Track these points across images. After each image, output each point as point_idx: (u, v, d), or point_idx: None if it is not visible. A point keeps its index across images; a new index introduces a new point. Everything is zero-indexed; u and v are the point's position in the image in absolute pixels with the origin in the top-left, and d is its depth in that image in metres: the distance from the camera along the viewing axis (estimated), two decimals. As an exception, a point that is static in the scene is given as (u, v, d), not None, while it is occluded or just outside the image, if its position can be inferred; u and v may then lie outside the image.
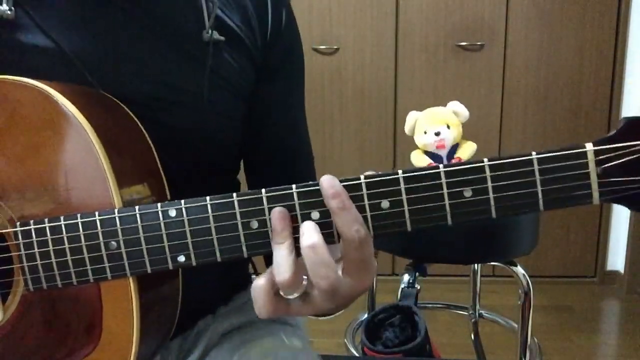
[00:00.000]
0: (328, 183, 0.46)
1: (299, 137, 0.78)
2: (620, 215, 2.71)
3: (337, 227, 0.47)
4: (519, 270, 1.45)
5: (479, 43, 2.63)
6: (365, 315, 1.66)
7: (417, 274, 1.45)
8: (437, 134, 1.38)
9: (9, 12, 0.59)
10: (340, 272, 0.48)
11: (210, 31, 0.65)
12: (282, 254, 0.47)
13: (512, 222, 1.37)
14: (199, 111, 0.65)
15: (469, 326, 1.94)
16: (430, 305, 2.08)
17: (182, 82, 0.64)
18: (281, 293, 0.49)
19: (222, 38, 0.66)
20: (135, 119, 0.59)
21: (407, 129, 1.46)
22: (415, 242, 1.40)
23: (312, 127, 0.80)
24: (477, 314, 1.91)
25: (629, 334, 2.35)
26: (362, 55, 2.68)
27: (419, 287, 1.41)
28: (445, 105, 1.47)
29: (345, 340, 1.75)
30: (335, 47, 2.67)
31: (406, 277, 1.44)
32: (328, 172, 0.49)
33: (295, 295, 0.48)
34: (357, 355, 1.64)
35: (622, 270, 2.72)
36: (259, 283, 0.49)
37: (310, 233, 0.47)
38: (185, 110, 0.65)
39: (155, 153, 0.58)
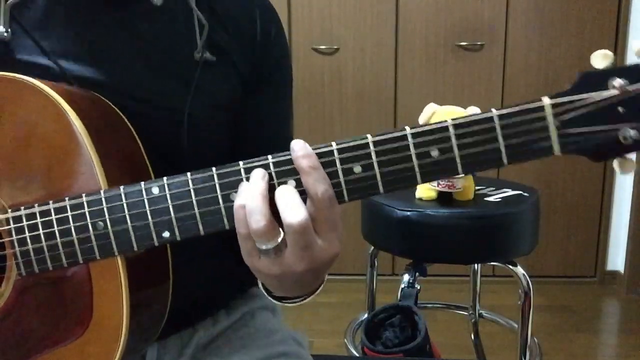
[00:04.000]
0: (299, 145, 0.49)
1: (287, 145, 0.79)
2: (621, 215, 2.72)
3: (307, 188, 0.48)
4: (519, 270, 1.45)
5: (479, 43, 2.63)
6: (365, 315, 1.67)
7: (417, 274, 1.45)
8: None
9: (5, 34, 0.61)
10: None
11: (201, 52, 0.67)
12: (256, 201, 0.48)
13: (512, 222, 1.37)
14: (183, 128, 0.66)
15: (469, 326, 1.94)
16: (430, 305, 2.08)
17: (171, 102, 0.66)
18: (256, 245, 0.49)
19: (214, 58, 0.68)
20: (122, 115, 0.60)
21: (422, 119, 1.46)
22: (415, 242, 1.40)
23: (312, 127, 0.80)
24: (477, 314, 1.91)
25: (629, 334, 2.35)
26: (362, 55, 2.68)
27: (419, 287, 1.41)
28: (447, 104, 1.47)
29: (345, 340, 1.75)
30: (335, 47, 2.67)
31: (406, 277, 1.44)
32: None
33: (269, 246, 0.49)
34: (357, 355, 1.64)
35: (622, 270, 2.72)
36: (241, 202, 0.49)
37: (286, 186, 0.49)
38: (171, 127, 0.66)
39: (141, 147, 0.60)
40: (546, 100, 0.46)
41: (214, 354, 0.75)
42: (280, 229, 0.49)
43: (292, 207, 0.48)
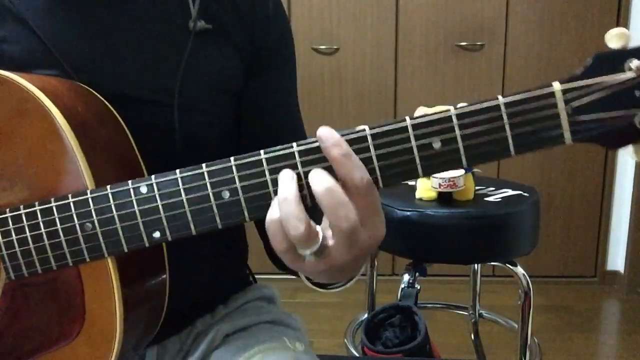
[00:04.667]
0: (326, 133, 0.45)
1: (294, 129, 0.77)
2: (620, 215, 2.71)
3: (341, 177, 0.45)
4: (519, 270, 1.45)
5: (479, 43, 2.63)
6: (365, 315, 1.66)
7: (417, 274, 1.45)
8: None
9: None
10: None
11: (195, 21, 0.64)
12: (291, 207, 0.44)
13: (512, 222, 1.37)
14: (173, 108, 0.64)
15: (469, 326, 1.94)
16: (430, 305, 2.08)
17: (158, 79, 0.63)
18: (298, 250, 0.46)
19: (209, 26, 0.65)
20: (111, 107, 0.58)
21: None
22: (415, 242, 1.40)
23: (312, 127, 0.80)
24: (477, 314, 1.91)
25: (629, 334, 2.35)
26: (362, 55, 2.67)
27: (419, 287, 1.41)
28: (447, 104, 1.47)
29: (345, 340, 1.75)
30: (335, 47, 2.67)
31: (406, 277, 1.44)
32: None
33: (313, 249, 0.45)
34: (357, 355, 1.64)
35: (622, 270, 2.72)
36: (275, 216, 0.46)
37: (321, 177, 0.45)
38: (159, 108, 0.64)
39: (132, 141, 0.58)
40: (557, 86, 0.43)
41: (205, 333, 0.74)
42: (318, 228, 0.46)
43: (339, 207, 0.44)
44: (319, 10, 2.65)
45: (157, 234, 0.50)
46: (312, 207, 0.46)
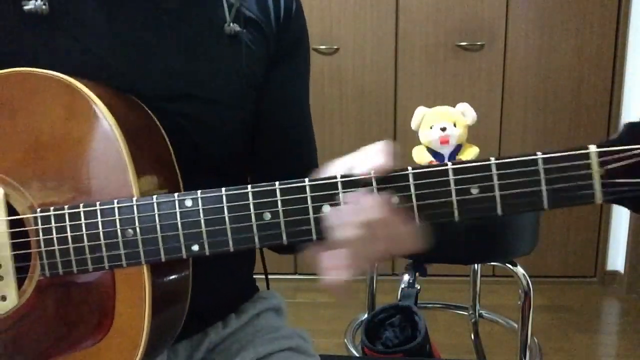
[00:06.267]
0: (368, 199, 0.48)
1: (305, 128, 0.79)
2: (620, 215, 2.71)
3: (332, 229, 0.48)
4: (519, 270, 1.45)
5: (479, 43, 2.63)
6: (365, 315, 1.66)
7: (417, 274, 1.45)
8: (443, 129, 1.39)
9: (44, 6, 0.60)
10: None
11: (231, 24, 0.66)
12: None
13: (512, 223, 1.37)
14: (215, 104, 0.66)
15: (469, 326, 1.94)
16: (430, 305, 2.08)
17: (202, 77, 0.66)
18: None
19: (244, 30, 0.67)
20: (154, 116, 0.60)
21: (413, 123, 1.46)
22: (415, 242, 1.40)
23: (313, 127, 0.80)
24: (477, 314, 1.91)
25: (629, 334, 2.35)
26: (362, 55, 2.67)
27: (419, 287, 1.42)
28: (447, 104, 1.47)
29: (345, 340, 1.75)
30: (335, 47, 2.67)
31: (406, 277, 1.44)
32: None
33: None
34: (357, 355, 1.64)
35: (622, 270, 2.72)
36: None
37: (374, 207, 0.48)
38: (204, 104, 0.66)
39: (170, 148, 0.60)
40: (592, 148, 0.46)
41: (222, 353, 0.75)
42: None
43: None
44: (319, 10, 2.65)
45: (195, 247, 0.51)
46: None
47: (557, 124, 2.68)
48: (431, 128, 1.42)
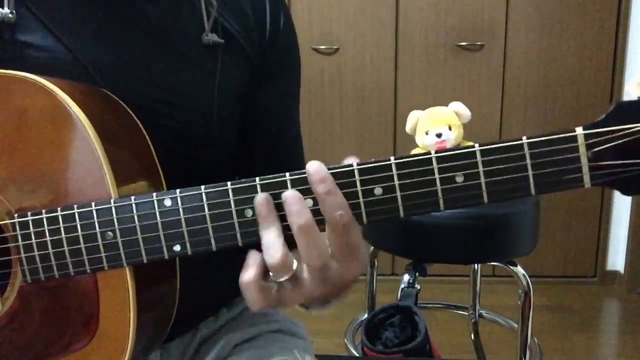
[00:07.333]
0: (314, 168, 0.47)
1: (294, 141, 0.79)
2: (620, 215, 2.72)
3: (322, 212, 0.47)
4: (519, 270, 1.45)
5: (479, 43, 2.63)
6: (365, 315, 1.67)
7: (417, 274, 1.45)
8: (439, 135, 1.39)
9: (10, 15, 0.59)
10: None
11: (209, 34, 0.66)
12: (271, 236, 0.47)
13: (512, 223, 1.37)
14: (205, 114, 0.66)
15: (469, 326, 1.94)
16: (430, 305, 2.08)
17: (185, 86, 0.65)
18: (271, 277, 0.48)
19: (222, 40, 0.66)
20: (134, 116, 0.59)
21: (408, 128, 1.46)
22: (415, 242, 1.40)
23: (312, 127, 0.80)
24: (477, 314, 1.91)
25: (629, 334, 2.35)
26: (362, 55, 2.68)
27: (419, 287, 1.42)
28: (445, 105, 1.47)
29: (345, 340, 1.75)
30: (335, 47, 2.67)
31: (406, 277, 1.44)
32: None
33: (286, 277, 0.48)
34: (357, 355, 1.64)
35: (622, 270, 2.72)
36: (246, 277, 0.49)
37: (299, 213, 0.47)
38: (190, 114, 0.65)
39: (154, 151, 0.58)
40: (579, 130, 0.44)
41: (213, 342, 0.75)
42: (294, 260, 0.48)
43: (312, 246, 0.47)
44: (319, 10, 2.65)
45: (177, 247, 0.50)
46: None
47: (557, 123, 2.68)
48: (427, 134, 1.42)
